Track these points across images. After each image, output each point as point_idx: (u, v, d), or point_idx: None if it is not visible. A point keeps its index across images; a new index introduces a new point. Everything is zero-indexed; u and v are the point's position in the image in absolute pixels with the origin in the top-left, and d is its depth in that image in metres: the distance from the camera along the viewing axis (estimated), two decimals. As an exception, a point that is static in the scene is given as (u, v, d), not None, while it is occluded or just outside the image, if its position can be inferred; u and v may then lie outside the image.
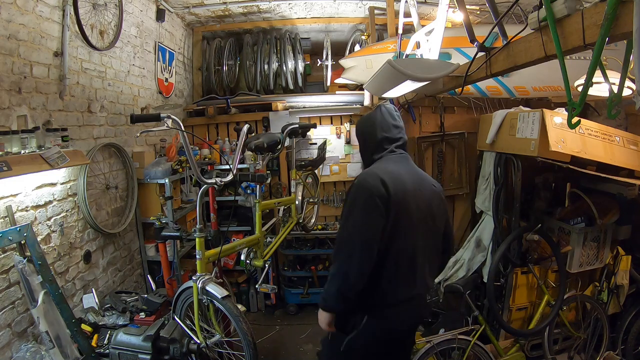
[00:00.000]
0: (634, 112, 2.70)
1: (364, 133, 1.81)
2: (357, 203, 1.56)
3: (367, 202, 1.53)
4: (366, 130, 1.78)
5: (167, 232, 2.34)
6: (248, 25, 4.35)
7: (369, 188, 1.55)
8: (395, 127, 1.74)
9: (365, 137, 1.79)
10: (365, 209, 1.53)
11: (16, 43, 1.90)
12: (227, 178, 2.13)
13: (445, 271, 2.86)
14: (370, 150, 1.76)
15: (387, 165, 1.66)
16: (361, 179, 1.62)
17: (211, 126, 4.15)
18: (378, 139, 1.72)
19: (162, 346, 1.96)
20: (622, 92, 1.03)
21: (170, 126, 1.82)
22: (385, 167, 1.65)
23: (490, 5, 1.50)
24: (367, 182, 1.57)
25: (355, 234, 1.53)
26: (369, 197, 1.53)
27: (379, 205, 1.52)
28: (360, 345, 1.64)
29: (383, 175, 1.57)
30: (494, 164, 2.59)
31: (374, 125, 1.74)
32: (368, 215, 1.53)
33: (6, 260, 1.82)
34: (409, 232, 1.60)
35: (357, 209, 1.55)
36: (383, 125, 1.73)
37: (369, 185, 1.56)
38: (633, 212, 2.53)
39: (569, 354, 2.62)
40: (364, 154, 1.82)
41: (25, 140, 1.83)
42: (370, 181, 1.56)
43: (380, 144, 1.72)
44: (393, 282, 1.60)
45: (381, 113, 1.75)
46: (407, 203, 1.58)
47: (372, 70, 2.56)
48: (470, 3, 3.11)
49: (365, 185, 1.57)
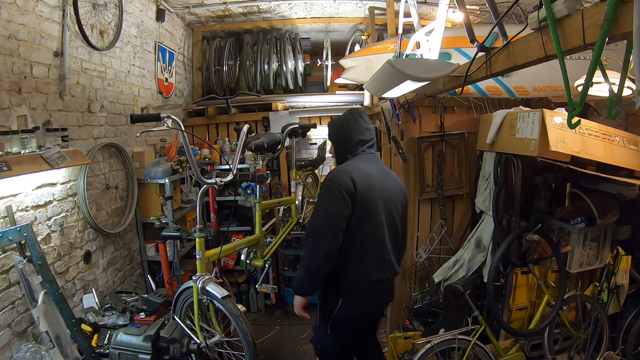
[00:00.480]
0: (634, 112, 2.70)
1: (340, 136, 1.98)
2: (325, 196, 1.78)
3: (334, 195, 1.73)
4: (342, 134, 1.97)
5: (167, 232, 2.34)
6: (248, 25, 4.35)
7: (338, 183, 1.74)
8: (367, 129, 1.97)
9: (342, 140, 1.97)
10: (332, 200, 1.73)
11: (16, 43, 1.90)
12: (227, 178, 2.13)
13: (445, 271, 2.86)
14: (347, 152, 1.94)
15: (359, 163, 1.86)
16: (332, 175, 1.82)
17: (211, 126, 4.15)
18: (354, 142, 1.92)
19: (162, 346, 1.96)
20: (622, 92, 1.02)
21: (170, 126, 1.82)
22: (356, 165, 1.85)
23: (490, 5, 1.49)
24: (337, 178, 1.77)
25: (322, 223, 1.74)
26: (336, 190, 1.72)
27: (345, 198, 1.71)
28: (340, 323, 1.85)
29: (352, 171, 1.78)
30: (494, 164, 2.58)
31: (349, 129, 1.94)
32: (334, 207, 1.72)
33: (6, 260, 1.82)
34: (376, 222, 1.81)
35: (325, 201, 1.77)
36: (358, 129, 1.93)
37: (338, 181, 1.75)
38: (633, 212, 2.53)
39: (569, 354, 2.62)
40: (340, 155, 1.99)
41: (25, 140, 1.84)
42: (340, 176, 1.77)
43: (355, 146, 1.92)
44: (363, 268, 1.81)
45: (354, 117, 1.96)
46: (373, 197, 1.79)
47: (372, 70, 2.56)
48: (470, 3, 3.11)
49: (335, 180, 1.76)
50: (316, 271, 1.73)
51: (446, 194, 3.00)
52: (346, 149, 1.94)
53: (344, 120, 1.98)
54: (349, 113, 2.01)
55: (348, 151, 1.94)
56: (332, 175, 1.82)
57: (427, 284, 3.07)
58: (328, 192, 1.77)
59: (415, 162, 2.93)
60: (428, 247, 3.01)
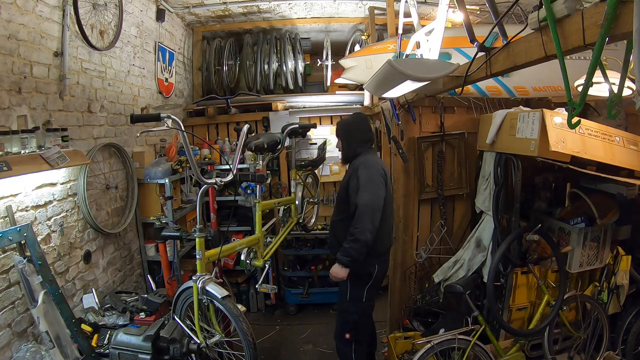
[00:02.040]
0: (634, 112, 2.70)
1: (350, 135, 2.47)
2: (369, 181, 2.23)
3: (376, 180, 2.25)
4: (353, 134, 2.46)
5: (167, 232, 2.34)
6: (248, 25, 4.35)
7: (377, 170, 2.28)
8: (370, 130, 2.53)
9: (352, 138, 2.46)
10: (375, 184, 2.24)
11: (16, 43, 1.90)
12: (227, 178, 2.13)
13: (445, 271, 2.86)
14: (357, 148, 2.43)
15: (374, 157, 2.46)
16: (366, 164, 2.30)
17: (211, 126, 4.15)
18: (363, 139, 2.45)
19: (162, 346, 1.96)
20: (622, 92, 1.02)
21: (170, 126, 1.82)
22: (375, 157, 2.45)
23: (490, 5, 1.49)
24: (373, 167, 2.29)
25: (371, 203, 2.19)
26: (376, 176, 2.26)
27: (382, 182, 2.28)
28: (373, 287, 2.39)
29: (379, 162, 2.43)
30: (494, 164, 2.58)
31: (358, 129, 2.47)
32: (379, 190, 2.24)
33: (6, 260, 1.82)
34: (391, 201, 2.45)
35: (371, 185, 2.23)
36: (365, 129, 2.49)
37: (376, 169, 2.29)
38: (633, 212, 2.53)
39: (569, 354, 2.62)
40: (349, 150, 2.47)
41: (25, 140, 1.83)
42: (375, 165, 2.31)
43: (364, 143, 2.45)
44: (386, 238, 2.42)
45: (362, 120, 2.52)
46: (389, 182, 2.37)
47: (372, 70, 2.56)
48: (470, 3, 3.11)
49: (373, 169, 2.28)
50: (368, 243, 2.17)
51: (446, 194, 3.00)
52: (358, 145, 2.43)
53: (354, 121, 2.51)
54: (360, 117, 2.56)
55: (359, 147, 2.43)
56: (367, 164, 2.29)
57: (427, 284, 3.07)
58: (370, 178, 2.24)
59: (415, 162, 2.93)
60: (428, 247, 3.01)
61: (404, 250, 3.04)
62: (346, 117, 2.66)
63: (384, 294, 3.23)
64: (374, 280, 2.36)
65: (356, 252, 2.17)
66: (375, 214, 2.19)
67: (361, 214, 2.17)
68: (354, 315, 2.36)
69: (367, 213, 2.17)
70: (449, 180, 3.01)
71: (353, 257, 2.18)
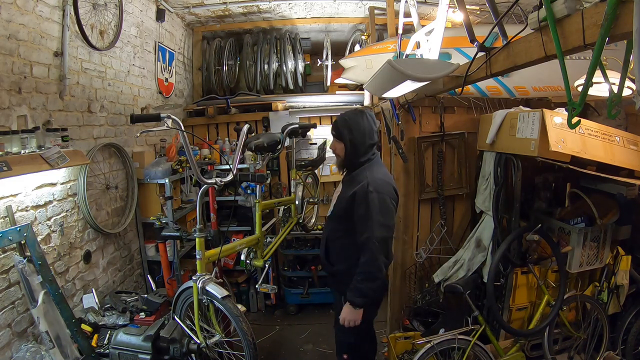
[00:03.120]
0: (634, 112, 2.70)
1: (355, 139, 2.02)
2: (382, 209, 1.89)
3: (389, 207, 1.91)
4: (356, 138, 2.01)
5: (167, 232, 2.34)
6: (248, 25, 4.35)
7: (390, 193, 1.94)
8: (376, 132, 2.07)
9: (357, 143, 2.02)
10: (389, 213, 1.91)
11: (16, 43, 1.90)
12: (227, 178, 2.13)
13: (445, 271, 2.86)
14: (360, 155, 2.02)
15: (382, 169, 2.05)
16: (380, 187, 1.91)
17: (211, 126, 4.15)
18: (367, 145, 2.02)
19: (162, 346, 1.96)
20: (622, 92, 1.02)
21: (170, 126, 1.82)
22: (383, 171, 2.03)
23: (490, 5, 1.49)
24: (385, 190, 1.92)
25: (387, 236, 1.93)
26: (390, 203, 1.92)
27: (395, 208, 1.96)
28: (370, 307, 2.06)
29: (389, 180, 2.01)
30: (494, 164, 2.58)
31: (363, 133, 2.00)
32: (392, 219, 1.94)
33: (6, 260, 1.82)
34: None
35: (384, 214, 1.89)
36: (370, 133, 2.03)
37: (390, 191, 1.94)
38: (633, 212, 2.53)
39: (569, 354, 2.62)
40: (352, 157, 2.05)
41: (25, 140, 1.83)
42: (387, 188, 1.94)
43: (368, 149, 2.03)
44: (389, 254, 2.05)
45: (368, 120, 2.02)
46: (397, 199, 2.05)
47: (372, 70, 2.56)
48: (470, 3, 3.11)
49: (388, 190, 1.93)
50: (385, 279, 2.05)
51: (446, 194, 3.00)
52: (359, 152, 2.02)
53: (357, 121, 2.02)
54: (364, 115, 2.03)
55: (361, 155, 2.02)
56: (378, 187, 1.91)
57: (427, 284, 3.07)
58: (385, 206, 1.90)
59: (415, 162, 2.93)
60: (428, 247, 3.00)
61: (404, 250, 3.04)
62: (349, 112, 2.12)
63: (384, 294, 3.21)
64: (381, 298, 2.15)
65: (374, 292, 1.94)
66: (390, 246, 1.98)
67: (376, 251, 1.86)
68: (350, 338, 2.13)
69: (383, 249, 1.89)
70: (449, 180, 3.01)
71: (370, 297, 1.92)
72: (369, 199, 1.88)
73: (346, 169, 2.15)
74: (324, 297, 3.80)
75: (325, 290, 3.78)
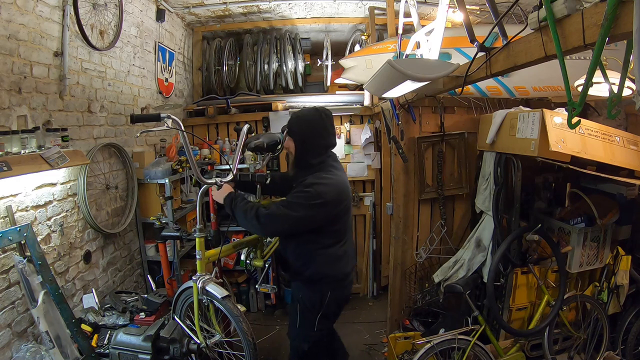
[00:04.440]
0: (634, 112, 2.70)
1: (304, 137, 2.00)
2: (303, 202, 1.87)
3: (313, 206, 1.86)
4: (308, 137, 2.00)
5: (167, 232, 2.34)
6: (248, 25, 4.35)
7: (322, 197, 1.86)
8: (333, 135, 2.06)
9: (305, 141, 2.00)
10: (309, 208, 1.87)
11: (16, 43, 1.90)
12: (227, 178, 2.13)
13: (445, 271, 2.87)
14: (310, 155, 2.00)
15: (334, 172, 1.98)
16: (322, 191, 1.88)
17: (211, 126, 4.15)
18: (320, 146, 2.00)
19: (162, 346, 1.96)
20: (622, 92, 1.02)
21: (171, 126, 1.82)
22: (333, 174, 1.97)
23: (490, 5, 1.49)
24: (320, 191, 1.87)
25: (298, 222, 1.89)
26: (316, 204, 1.86)
27: (322, 210, 1.89)
28: (325, 317, 2.05)
29: (340, 185, 1.97)
30: (494, 164, 2.58)
31: (316, 133, 1.99)
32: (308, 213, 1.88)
33: (6, 260, 1.82)
34: (348, 222, 2.09)
35: (302, 207, 1.87)
36: (324, 134, 2.01)
37: (323, 194, 1.87)
38: (633, 212, 2.53)
39: (569, 354, 2.62)
40: (301, 156, 2.04)
41: (25, 140, 1.83)
42: (330, 194, 1.89)
43: (320, 151, 2.01)
44: (342, 262, 2.06)
45: (323, 120, 2.00)
46: (348, 202, 2.04)
47: (372, 70, 2.56)
48: (470, 3, 3.11)
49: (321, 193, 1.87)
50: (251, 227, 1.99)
51: (446, 194, 3.00)
52: (310, 151, 2.00)
53: (310, 120, 2.01)
54: (320, 115, 2.02)
55: (312, 155, 2.00)
56: (321, 191, 1.87)
57: (427, 284, 3.08)
58: (307, 200, 1.87)
59: (415, 162, 2.93)
60: (428, 247, 3.01)
61: (404, 250, 3.04)
62: (305, 109, 2.14)
63: (384, 294, 3.22)
64: (325, 309, 2.02)
65: (235, 213, 1.95)
66: (281, 228, 1.93)
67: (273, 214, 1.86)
68: (303, 345, 2.13)
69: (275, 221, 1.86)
70: (449, 180, 3.01)
71: (232, 212, 1.96)
72: (299, 191, 1.90)
73: (298, 169, 2.11)
74: (324, 297, 3.80)
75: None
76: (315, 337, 2.10)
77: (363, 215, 4.15)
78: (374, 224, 4.09)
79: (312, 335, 2.08)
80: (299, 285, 2.10)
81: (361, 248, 4.19)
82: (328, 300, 2.00)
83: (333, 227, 1.99)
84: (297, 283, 2.12)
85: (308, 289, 2.06)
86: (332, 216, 1.94)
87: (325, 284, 2.01)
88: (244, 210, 1.94)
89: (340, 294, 2.09)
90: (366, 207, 4.11)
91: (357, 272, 4.25)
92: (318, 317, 2.02)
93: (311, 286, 2.05)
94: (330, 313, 2.08)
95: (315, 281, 2.02)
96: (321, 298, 2.01)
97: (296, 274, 2.10)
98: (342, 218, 2.01)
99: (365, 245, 4.16)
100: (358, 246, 4.23)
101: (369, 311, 3.88)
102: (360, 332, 3.46)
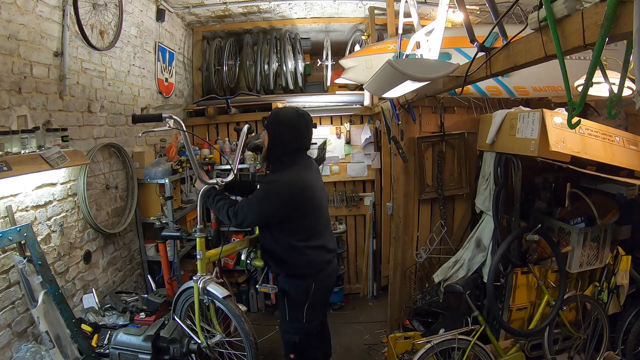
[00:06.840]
0: (634, 112, 2.70)
1: (278, 132, 2.05)
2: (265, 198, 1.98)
3: (274, 200, 1.97)
4: (278, 133, 2.04)
5: (167, 232, 2.34)
6: (248, 25, 4.35)
7: (283, 190, 1.96)
8: (307, 138, 2.10)
9: (276, 138, 2.04)
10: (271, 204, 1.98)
11: (16, 43, 1.90)
12: (227, 178, 2.13)
13: (445, 271, 2.87)
14: (280, 151, 2.05)
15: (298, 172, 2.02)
16: (276, 188, 1.97)
17: (211, 126, 4.15)
18: (293, 147, 2.04)
19: (162, 346, 1.96)
20: (622, 92, 1.02)
21: (172, 126, 1.83)
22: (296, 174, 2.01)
23: (490, 5, 1.49)
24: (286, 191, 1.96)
25: (257, 216, 2.02)
26: (277, 199, 1.96)
27: (284, 204, 1.97)
28: (312, 307, 2.10)
29: (301, 182, 2.00)
30: (494, 164, 2.58)
31: (288, 131, 2.03)
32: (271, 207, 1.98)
33: (6, 260, 1.82)
34: (320, 219, 2.13)
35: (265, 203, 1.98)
36: (296, 134, 2.05)
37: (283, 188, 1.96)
38: (633, 212, 2.53)
39: (569, 354, 2.62)
40: (272, 149, 2.07)
41: (25, 140, 1.83)
42: (288, 185, 1.97)
43: (287, 150, 2.04)
44: (320, 251, 2.10)
45: (298, 121, 2.05)
46: (316, 200, 2.08)
47: (372, 70, 2.56)
48: (470, 3, 3.11)
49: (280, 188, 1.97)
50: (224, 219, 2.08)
51: (446, 194, 3.01)
52: (281, 147, 2.04)
53: (289, 120, 2.05)
54: (300, 117, 2.07)
55: (283, 152, 2.05)
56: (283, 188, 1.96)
57: (427, 284, 3.08)
58: (267, 195, 1.99)
59: (415, 162, 2.93)
60: (428, 247, 3.01)
61: (404, 250, 3.04)
62: (285, 108, 2.21)
63: (384, 294, 3.22)
64: (312, 299, 2.07)
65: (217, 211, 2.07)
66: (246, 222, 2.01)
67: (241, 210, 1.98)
68: (294, 337, 2.16)
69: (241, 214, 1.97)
70: (449, 180, 3.01)
71: (209, 205, 2.11)
72: (260, 187, 2.04)
73: (267, 163, 2.19)
74: (324, 297, 3.80)
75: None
76: (305, 329, 2.15)
77: (363, 215, 4.15)
78: (374, 224, 4.09)
79: (303, 327, 2.14)
80: (284, 279, 2.16)
81: (361, 248, 4.20)
82: (313, 291, 2.07)
83: (302, 223, 2.05)
84: (282, 277, 2.17)
85: (293, 282, 2.12)
86: (295, 213, 2.00)
87: (309, 276, 2.07)
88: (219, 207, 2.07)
89: (324, 283, 2.15)
90: (366, 207, 4.11)
91: (357, 272, 4.26)
92: (305, 307, 2.08)
93: (295, 280, 2.11)
94: (317, 302, 2.13)
95: (299, 276, 2.09)
96: (306, 289, 2.07)
97: (279, 269, 2.18)
98: (311, 215, 2.06)
99: (365, 245, 4.17)
100: (358, 246, 4.23)
101: (369, 311, 3.88)
102: (360, 332, 3.46)
